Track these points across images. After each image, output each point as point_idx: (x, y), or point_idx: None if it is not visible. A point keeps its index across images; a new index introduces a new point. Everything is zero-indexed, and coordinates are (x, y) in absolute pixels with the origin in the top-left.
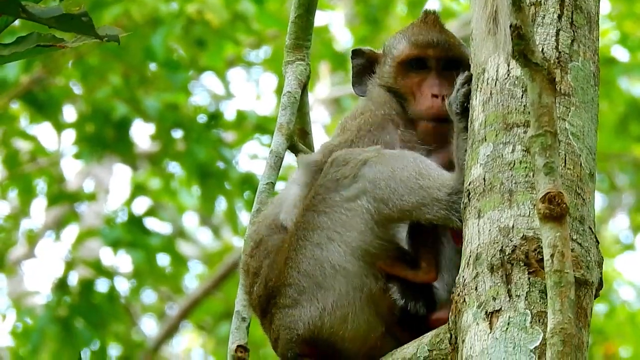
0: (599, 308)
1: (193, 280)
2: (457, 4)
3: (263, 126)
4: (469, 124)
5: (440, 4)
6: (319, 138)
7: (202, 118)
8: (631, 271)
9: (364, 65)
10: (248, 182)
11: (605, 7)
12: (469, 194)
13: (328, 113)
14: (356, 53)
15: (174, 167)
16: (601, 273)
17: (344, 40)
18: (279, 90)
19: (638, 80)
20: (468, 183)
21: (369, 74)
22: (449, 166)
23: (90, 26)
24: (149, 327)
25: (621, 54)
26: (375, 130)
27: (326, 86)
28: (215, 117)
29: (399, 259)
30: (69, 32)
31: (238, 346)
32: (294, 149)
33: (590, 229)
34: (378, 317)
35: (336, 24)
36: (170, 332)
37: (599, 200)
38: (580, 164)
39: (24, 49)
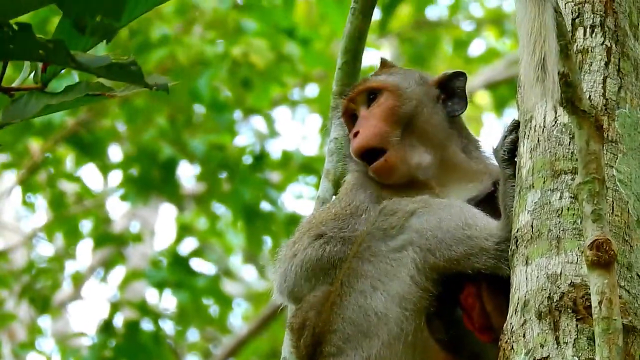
0: None
1: (238, 318)
2: (503, 45)
3: (309, 166)
4: (517, 171)
5: (485, 44)
6: None
7: (247, 159)
8: None
9: None
10: (294, 222)
11: None
12: (517, 240)
13: None
14: None
15: (220, 208)
16: None
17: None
18: (323, 131)
19: None
20: (516, 230)
21: None
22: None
23: (140, 75)
24: None
25: None
26: (351, 192)
27: None
28: (260, 158)
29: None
30: (117, 81)
31: None
32: None
33: (638, 275)
34: None
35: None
36: None
37: None
38: (628, 210)
39: (72, 98)
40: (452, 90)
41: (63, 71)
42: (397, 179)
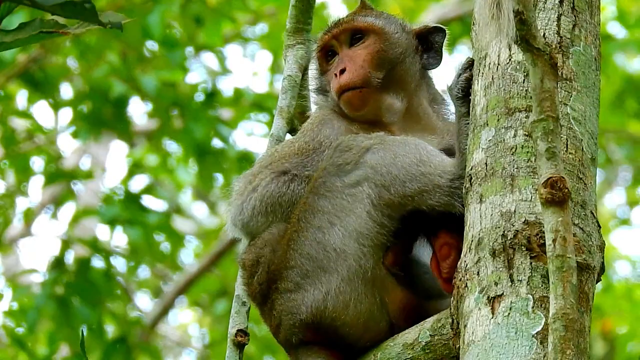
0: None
1: (189, 256)
2: None
3: (260, 104)
4: (471, 108)
5: None
6: None
7: (199, 96)
8: (627, 246)
9: None
10: (246, 159)
11: None
12: (471, 178)
13: None
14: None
15: (171, 145)
16: (603, 257)
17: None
18: (273, 68)
19: (634, 57)
20: (470, 168)
21: None
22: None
23: (94, 13)
24: (145, 303)
25: (618, 30)
26: (316, 127)
27: None
28: (212, 95)
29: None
30: (71, 19)
31: (238, 330)
32: (294, 132)
33: (592, 213)
34: (381, 303)
35: (334, 1)
36: (166, 309)
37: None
38: (582, 148)
39: (26, 35)
40: (430, 43)
41: (17, 8)
42: (365, 113)
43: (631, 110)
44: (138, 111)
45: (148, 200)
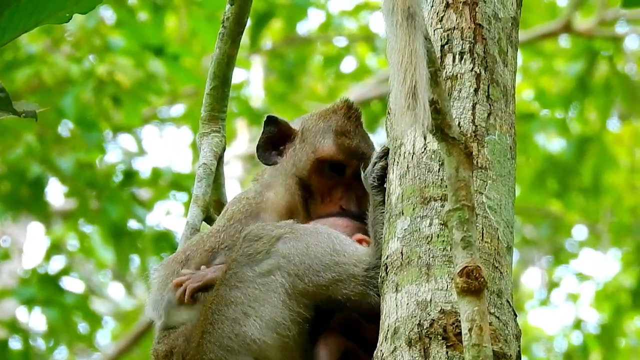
0: None
1: (106, 337)
2: (373, 61)
3: (178, 183)
4: (386, 197)
5: (356, 61)
6: None
7: (117, 178)
8: (547, 326)
9: (275, 134)
10: (163, 239)
11: (521, 62)
12: (387, 268)
13: (244, 169)
14: (271, 121)
15: (88, 227)
16: (519, 346)
17: (260, 96)
18: (193, 146)
19: (554, 137)
20: (385, 257)
21: (277, 145)
22: None
23: (8, 102)
24: None
25: (538, 108)
26: (244, 219)
27: (243, 142)
28: (130, 176)
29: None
30: None
31: None
32: (209, 220)
33: (508, 302)
34: None
35: (252, 79)
36: None
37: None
38: (498, 237)
39: None
40: None
41: None
42: None
43: (552, 189)
44: (56, 191)
45: (66, 281)
